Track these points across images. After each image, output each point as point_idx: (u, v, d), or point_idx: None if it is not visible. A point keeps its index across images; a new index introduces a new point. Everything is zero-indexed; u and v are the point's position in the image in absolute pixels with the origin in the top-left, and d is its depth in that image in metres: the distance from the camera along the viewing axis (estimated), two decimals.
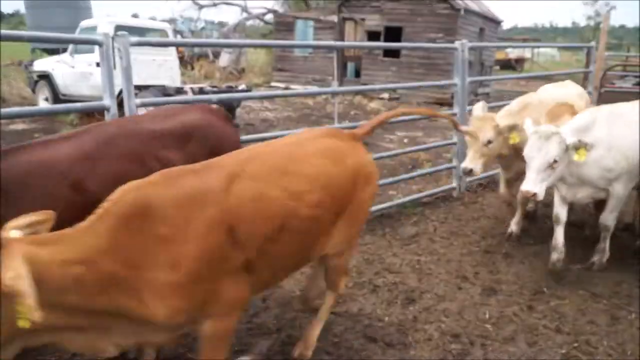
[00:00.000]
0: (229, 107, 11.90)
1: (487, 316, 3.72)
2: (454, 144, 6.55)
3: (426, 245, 5.00)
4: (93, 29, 11.40)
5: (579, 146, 3.81)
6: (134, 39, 3.59)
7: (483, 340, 3.41)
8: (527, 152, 3.87)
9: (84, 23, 12.25)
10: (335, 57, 7.08)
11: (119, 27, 10.78)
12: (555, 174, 3.86)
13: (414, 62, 17.84)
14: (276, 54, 21.64)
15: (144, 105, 3.83)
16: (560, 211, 4.36)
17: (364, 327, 3.53)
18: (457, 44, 6.25)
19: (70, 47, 12.13)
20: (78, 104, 3.96)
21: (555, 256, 4.30)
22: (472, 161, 4.69)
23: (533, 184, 3.78)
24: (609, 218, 4.32)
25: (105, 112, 3.55)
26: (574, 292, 4.11)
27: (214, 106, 3.51)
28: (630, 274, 4.39)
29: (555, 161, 3.76)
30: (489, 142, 4.64)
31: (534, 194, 3.76)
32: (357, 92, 17.06)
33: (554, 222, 4.38)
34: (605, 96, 9.45)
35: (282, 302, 3.82)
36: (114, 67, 3.55)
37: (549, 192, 4.08)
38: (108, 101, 3.52)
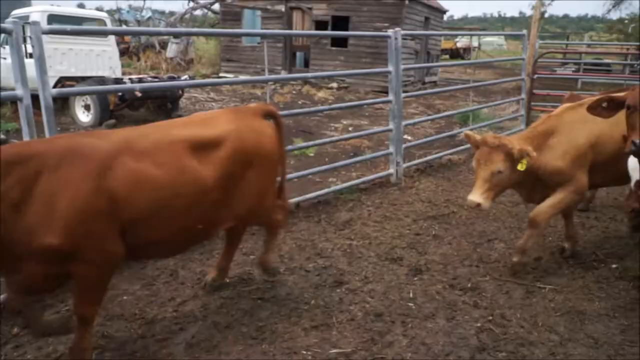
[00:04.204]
0: (173, 98, 11.72)
1: (410, 295, 3.85)
2: (390, 130, 6.66)
3: (359, 229, 5.09)
4: (25, 18, 10.95)
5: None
6: (46, 26, 3.50)
7: (404, 318, 3.52)
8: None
9: (16, 12, 11.74)
10: (266, 47, 7.05)
11: (52, 17, 10.40)
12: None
13: (361, 51, 17.96)
14: (224, 44, 21.32)
15: (60, 95, 3.74)
16: None
17: (289, 310, 3.58)
18: (390, 32, 6.35)
19: (2, 37, 11.63)
20: None
21: None
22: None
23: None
24: None
25: (18, 102, 3.45)
26: (495, 269, 4.29)
27: None
28: (548, 251, 4.63)
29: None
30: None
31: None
32: (293, 80, 17.06)
33: None
34: (538, 83, 9.86)
35: (209, 290, 3.82)
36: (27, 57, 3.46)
37: None
38: (20, 91, 3.42)
